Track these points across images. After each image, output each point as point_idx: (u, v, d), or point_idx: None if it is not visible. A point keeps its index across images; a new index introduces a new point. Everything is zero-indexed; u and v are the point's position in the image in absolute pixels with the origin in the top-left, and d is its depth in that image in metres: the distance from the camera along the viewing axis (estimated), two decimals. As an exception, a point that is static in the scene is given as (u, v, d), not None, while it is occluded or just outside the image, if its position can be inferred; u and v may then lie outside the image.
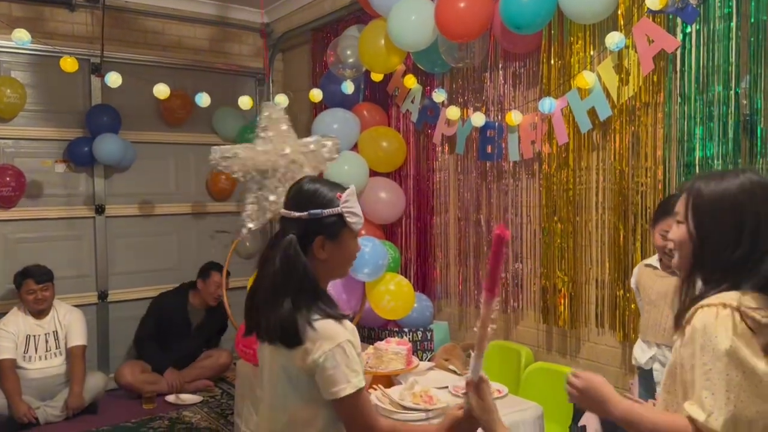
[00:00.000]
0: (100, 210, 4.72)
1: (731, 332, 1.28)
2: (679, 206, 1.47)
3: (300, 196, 1.62)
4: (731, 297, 1.32)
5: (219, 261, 5.03)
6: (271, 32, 5.45)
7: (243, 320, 1.74)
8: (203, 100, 3.91)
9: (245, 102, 3.93)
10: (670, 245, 2.31)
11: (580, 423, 2.94)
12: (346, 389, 1.48)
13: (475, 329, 1.49)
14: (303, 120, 5.31)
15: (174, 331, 4.50)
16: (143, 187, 4.91)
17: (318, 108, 4.82)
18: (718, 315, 1.31)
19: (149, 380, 4.34)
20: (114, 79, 3.74)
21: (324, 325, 1.50)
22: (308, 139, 3.12)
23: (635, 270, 2.66)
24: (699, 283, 1.44)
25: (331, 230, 1.59)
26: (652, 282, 2.50)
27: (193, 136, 5.18)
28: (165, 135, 5.06)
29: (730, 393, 1.27)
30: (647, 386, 2.51)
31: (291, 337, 1.50)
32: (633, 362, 2.61)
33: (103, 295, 4.73)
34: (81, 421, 3.94)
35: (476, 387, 1.50)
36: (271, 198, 2.96)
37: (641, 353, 2.53)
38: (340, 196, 1.60)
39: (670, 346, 1.92)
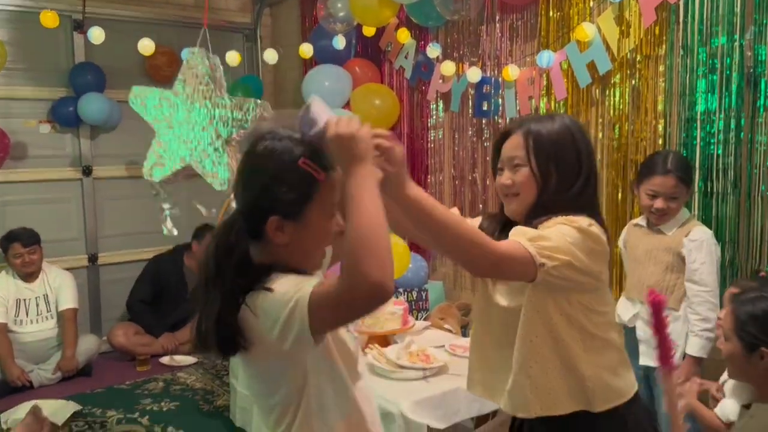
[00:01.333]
0: (87, 171, 4.62)
1: (586, 224, 1.37)
2: (517, 150, 1.46)
3: (249, 160, 1.21)
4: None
5: (211, 222, 4.97)
6: (258, -15, 5.28)
7: None
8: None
9: (233, 58, 3.81)
10: (658, 204, 2.29)
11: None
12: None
13: (664, 409, 1.41)
14: (292, 77, 5.18)
15: (170, 294, 4.43)
16: (131, 148, 4.79)
17: (308, 65, 4.70)
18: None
19: (143, 342, 4.32)
20: (97, 35, 3.60)
21: (278, 286, 1.11)
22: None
23: (624, 229, 2.63)
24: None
25: (289, 207, 1.16)
26: (639, 240, 2.47)
27: (180, 95, 5.04)
28: (152, 94, 4.92)
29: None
30: (629, 344, 2.47)
31: (229, 345, 1.15)
32: (616, 320, 2.57)
33: (93, 258, 4.66)
34: (75, 384, 3.92)
35: None
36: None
37: (624, 311, 2.52)
38: (305, 161, 1.15)
39: None
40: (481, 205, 3.69)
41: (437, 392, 2.35)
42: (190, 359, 4.32)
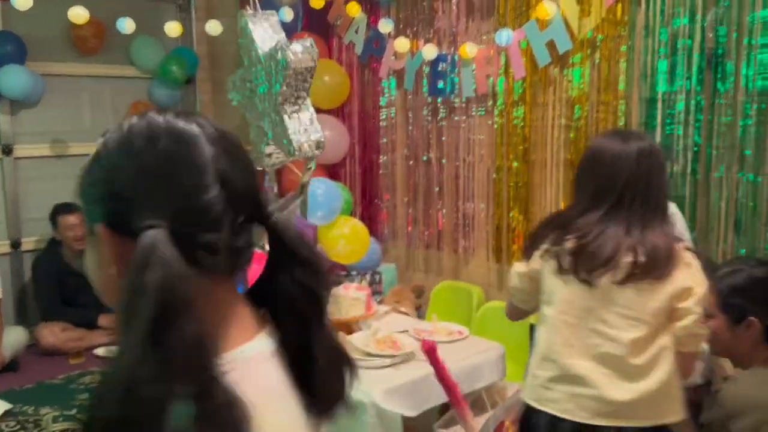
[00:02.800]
0: (7, 150, 4.23)
1: None
2: None
3: None
4: None
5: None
6: (192, -48, 4.97)
7: None
8: (126, 25, 3.49)
9: (173, 28, 3.56)
10: None
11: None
12: None
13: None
14: (231, 51, 4.93)
15: (76, 289, 3.97)
16: (55, 125, 4.44)
17: (249, 39, 4.47)
18: None
19: (74, 337, 4.00)
20: (23, 1, 3.24)
21: None
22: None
23: None
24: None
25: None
26: None
27: (108, 68, 4.69)
28: (77, 66, 4.56)
29: None
30: None
31: None
32: None
33: (16, 244, 4.30)
34: (1, 380, 3.62)
35: None
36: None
37: None
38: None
39: None
40: (436, 188, 3.63)
41: (408, 380, 2.28)
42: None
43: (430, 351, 1.40)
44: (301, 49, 2.37)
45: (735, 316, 1.60)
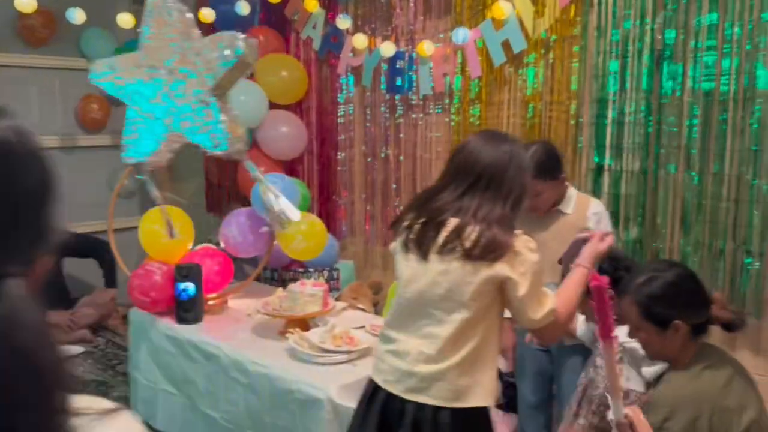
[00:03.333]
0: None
1: None
2: None
3: None
4: None
5: (94, 201, 4.59)
6: (146, -56, 4.86)
7: (136, 264, 1.46)
8: (76, 16, 3.40)
9: (126, 20, 3.48)
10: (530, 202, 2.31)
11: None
12: None
13: (603, 375, 1.58)
14: (186, 45, 4.85)
15: None
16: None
17: (204, 31, 4.39)
18: None
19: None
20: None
21: None
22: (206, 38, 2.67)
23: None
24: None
25: None
26: (535, 222, 2.36)
27: (58, 60, 4.57)
28: (25, 58, 4.42)
29: None
30: None
31: None
32: None
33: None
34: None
35: (629, 426, 1.47)
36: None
37: None
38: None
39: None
40: (394, 185, 3.64)
41: (364, 375, 2.25)
42: (77, 348, 3.97)
43: (599, 289, 1.44)
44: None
45: (660, 324, 1.61)
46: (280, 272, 3.67)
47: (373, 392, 1.72)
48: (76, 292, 4.42)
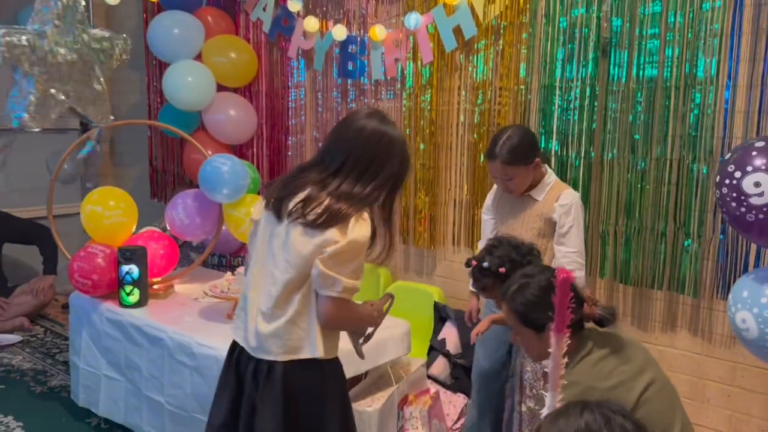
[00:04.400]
0: None
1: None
2: None
3: None
4: None
5: (33, 186, 4.42)
6: None
7: (76, 250, 1.43)
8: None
9: None
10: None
11: (440, 336, 3.03)
12: None
13: (546, 369, 1.53)
14: (130, 26, 4.72)
15: None
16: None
17: (150, 12, 4.29)
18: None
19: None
20: None
21: None
22: (97, 31, 2.93)
23: (493, 189, 2.59)
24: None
25: None
26: (510, 204, 2.46)
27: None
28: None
29: None
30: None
31: None
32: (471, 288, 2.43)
33: None
34: None
35: None
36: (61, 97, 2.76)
37: None
38: None
39: None
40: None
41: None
42: (13, 338, 3.82)
43: (565, 282, 1.45)
44: None
45: (537, 327, 1.65)
46: (228, 258, 3.61)
47: (233, 347, 1.80)
48: (15, 281, 4.25)
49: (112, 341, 2.69)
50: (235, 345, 1.78)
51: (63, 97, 2.86)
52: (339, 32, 3.36)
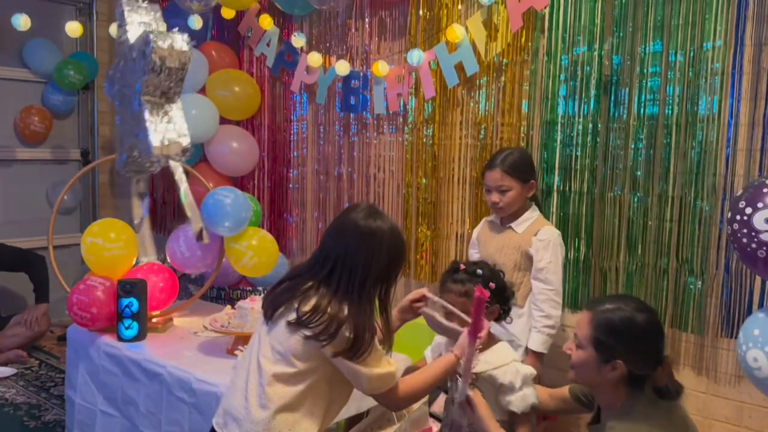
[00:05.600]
0: None
1: None
2: None
3: None
4: None
5: (33, 217, 4.42)
6: (96, -44, 4.79)
7: (74, 282, 1.43)
8: (21, 22, 3.28)
9: (73, 29, 3.38)
10: (493, 198, 2.38)
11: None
12: None
13: (461, 362, 1.76)
14: (135, 59, 4.76)
15: None
16: None
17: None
18: None
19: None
20: None
21: None
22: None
23: (479, 224, 2.66)
24: None
25: None
26: (491, 236, 2.52)
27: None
28: (-38, 66, 4.26)
29: None
30: None
31: None
32: None
33: None
34: None
35: (468, 403, 1.77)
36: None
37: None
38: None
39: None
40: (346, 203, 3.63)
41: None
42: (8, 371, 3.76)
43: (480, 300, 1.68)
44: (171, 44, 2.36)
45: (604, 355, 1.59)
46: (228, 291, 3.58)
47: None
48: (9, 311, 4.20)
49: (110, 376, 2.64)
50: None
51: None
52: (342, 67, 3.40)
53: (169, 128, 2.55)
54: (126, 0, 2.63)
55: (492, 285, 1.87)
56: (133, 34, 2.61)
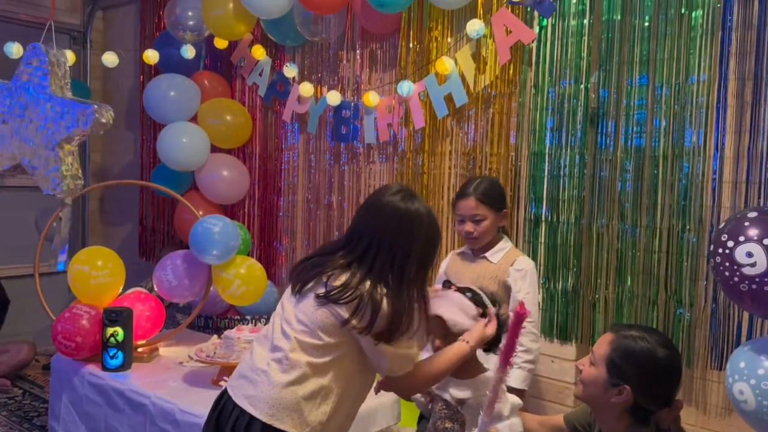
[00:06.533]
0: None
1: None
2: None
3: None
4: None
5: (21, 244, 4.39)
6: (91, -15, 4.85)
7: (60, 310, 1.43)
8: (14, 50, 3.30)
9: (67, 57, 3.39)
10: (467, 227, 2.32)
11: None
12: None
13: (487, 392, 1.64)
14: (126, 86, 4.80)
15: None
16: None
17: (146, 74, 4.38)
18: None
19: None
20: None
21: None
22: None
23: (447, 257, 2.58)
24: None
25: None
26: (464, 268, 2.43)
27: (-10, 96, 4.42)
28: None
29: None
30: None
31: None
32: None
33: None
34: None
35: None
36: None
37: None
38: None
39: None
40: (336, 231, 3.63)
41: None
42: (-10, 401, 3.70)
43: (520, 317, 1.63)
44: None
45: (614, 378, 1.59)
46: (215, 320, 3.55)
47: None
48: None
49: (93, 406, 2.60)
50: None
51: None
52: (333, 98, 3.43)
53: None
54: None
55: (489, 310, 1.86)
56: None
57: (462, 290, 1.94)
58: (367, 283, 1.61)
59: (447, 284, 2.00)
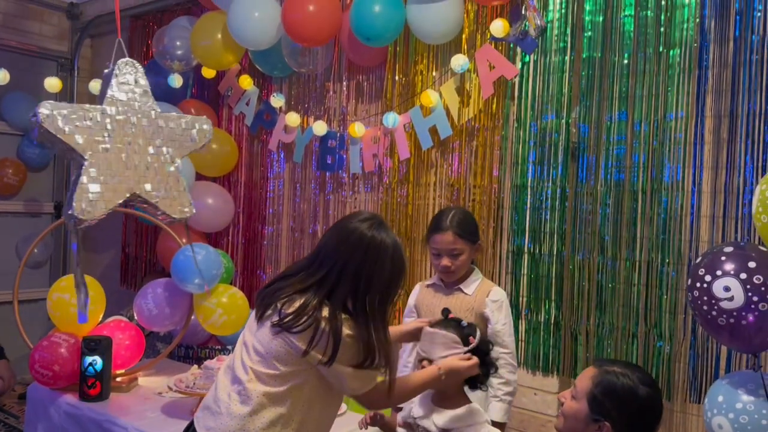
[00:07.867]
0: None
1: None
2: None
3: None
4: None
5: (1, 269, 4.34)
6: (80, 14, 4.88)
7: (38, 339, 1.41)
8: (1, 76, 3.31)
9: (53, 84, 3.41)
10: (444, 261, 2.27)
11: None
12: None
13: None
14: (114, 115, 4.79)
15: None
16: None
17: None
18: None
19: None
20: None
21: None
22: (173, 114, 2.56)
23: (414, 289, 2.52)
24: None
25: None
26: (437, 300, 2.37)
27: (-26, 122, 4.42)
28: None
29: None
30: None
31: None
32: None
33: None
34: None
35: None
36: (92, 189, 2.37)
37: None
38: None
39: None
40: (320, 260, 3.62)
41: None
42: (-38, 431, 3.61)
43: None
44: None
45: (595, 413, 1.59)
46: (196, 350, 3.51)
47: None
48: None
49: (69, 437, 2.56)
50: None
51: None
52: (319, 128, 3.46)
53: None
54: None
55: (472, 340, 1.86)
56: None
57: (457, 321, 1.95)
58: (325, 310, 1.61)
59: (446, 311, 2.01)
